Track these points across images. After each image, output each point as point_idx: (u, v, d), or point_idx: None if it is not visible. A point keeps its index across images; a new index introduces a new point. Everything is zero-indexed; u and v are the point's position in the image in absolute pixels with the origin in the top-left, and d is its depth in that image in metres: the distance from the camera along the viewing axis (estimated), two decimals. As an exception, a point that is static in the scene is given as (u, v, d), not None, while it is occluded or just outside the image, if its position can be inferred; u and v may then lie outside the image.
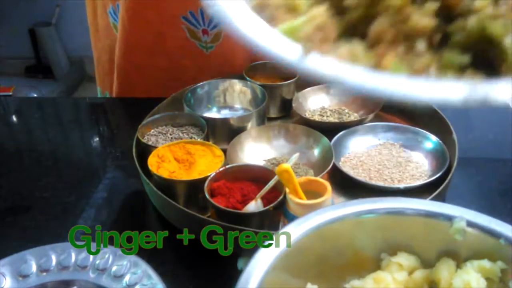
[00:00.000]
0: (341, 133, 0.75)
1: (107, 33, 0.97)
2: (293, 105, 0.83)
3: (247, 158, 0.74)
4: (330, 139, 0.73)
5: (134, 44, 0.92)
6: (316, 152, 0.74)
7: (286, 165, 0.55)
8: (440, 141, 0.73)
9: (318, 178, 0.59)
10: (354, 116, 0.83)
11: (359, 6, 0.28)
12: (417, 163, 0.73)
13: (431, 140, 0.74)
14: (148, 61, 0.93)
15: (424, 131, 0.75)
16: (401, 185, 0.68)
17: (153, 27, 0.89)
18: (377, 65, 0.27)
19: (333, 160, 0.68)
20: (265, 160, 0.75)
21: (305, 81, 0.87)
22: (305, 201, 0.55)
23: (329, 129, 0.75)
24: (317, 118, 0.83)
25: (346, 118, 0.82)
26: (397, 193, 0.66)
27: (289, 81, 0.84)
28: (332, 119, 0.83)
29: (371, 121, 0.79)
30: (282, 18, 0.29)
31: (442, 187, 0.63)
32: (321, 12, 0.28)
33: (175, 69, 0.92)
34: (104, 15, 0.96)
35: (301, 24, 0.28)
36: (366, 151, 0.75)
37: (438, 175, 0.68)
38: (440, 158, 0.71)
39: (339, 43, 0.28)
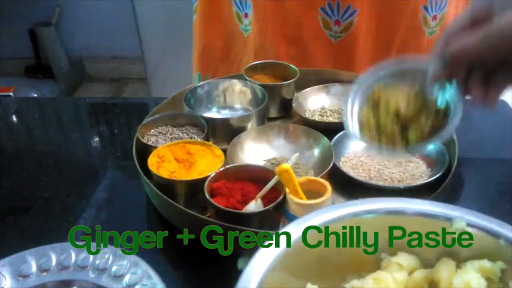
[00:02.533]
0: (341, 133, 0.75)
1: (228, 20, 1.00)
2: (293, 105, 0.83)
3: (247, 158, 0.74)
4: (330, 139, 0.73)
5: (274, 32, 0.95)
6: (316, 152, 0.74)
7: (286, 165, 0.55)
8: (439, 142, 0.73)
9: (318, 178, 0.59)
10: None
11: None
12: (417, 163, 0.73)
13: None
14: (282, 50, 0.96)
15: None
16: (401, 185, 0.68)
17: (293, 16, 0.92)
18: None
19: (333, 160, 0.68)
20: (265, 160, 0.75)
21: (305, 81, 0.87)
22: (305, 201, 0.55)
23: (329, 129, 0.75)
24: (317, 118, 0.83)
25: (346, 118, 0.82)
26: (397, 193, 0.66)
27: (289, 81, 0.84)
28: (332, 119, 0.83)
29: None
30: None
31: (442, 187, 0.63)
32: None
33: (306, 58, 0.95)
34: (229, 3, 0.98)
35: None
36: (366, 151, 0.75)
37: (438, 175, 0.68)
38: (440, 158, 0.71)
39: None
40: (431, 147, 0.73)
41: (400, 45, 0.93)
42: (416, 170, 0.71)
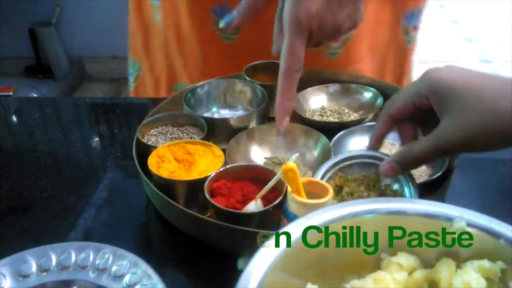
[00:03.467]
0: (340, 133, 0.75)
1: (148, 14, 1.00)
2: (293, 105, 0.83)
3: (246, 157, 0.74)
4: (330, 139, 0.73)
5: (171, 33, 0.95)
6: (316, 152, 0.74)
7: (292, 164, 0.55)
8: None
9: (320, 180, 0.59)
10: (354, 116, 0.83)
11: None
12: None
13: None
14: (179, 49, 0.96)
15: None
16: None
17: (184, 17, 0.92)
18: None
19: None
20: (266, 158, 0.74)
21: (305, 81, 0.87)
22: (307, 200, 0.55)
23: (329, 129, 0.75)
24: (317, 118, 0.83)
25: (346, 118, 0.82)
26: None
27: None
28: (332, 119, 0.83)
29: (370, 120, 0.79)
30: None
31: (442, 187, 0.63)
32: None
33: (201, 62, 0.95)
34: None
35: None
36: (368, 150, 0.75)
37: (438, 174, 0.68)
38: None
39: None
40: None
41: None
42: (416, 170, 0.71)
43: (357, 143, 0.76)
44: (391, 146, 0.76)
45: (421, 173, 0.71)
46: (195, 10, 0.91)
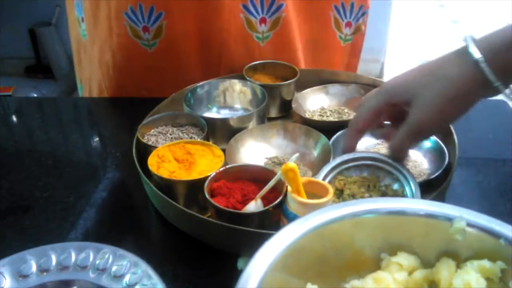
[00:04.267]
0: (339, 132, 0.75)
1: (74, 25, 0.99)
2: (293, 105, 0.83)
3: (246, 157, 0.74)
4: (330, 139, 0.73)
5: (94, 38, 0.92)
6: (315, 152, 0.74)
7: (292, 164, 0.55)
8: (438, 140, 0.73)
9: (320, 180, 0.59)
10: (353, 116, 0.83)
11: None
12: (415, 162, 0.73)
13: (429, 139, 0.74)
14: (102, 57, 0.93)
15: None
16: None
17: (102, 24, 0.89)
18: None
19: (331, 159, 0.69)
20: (266, 158, 0.75)
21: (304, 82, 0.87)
22: (308, 200, 0.55)
23: (329, 129, 0.75)
24: (317, 118, 0.83)
25: (346, 118, 0.82)
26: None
27: (288, 81, 0.84)
28: (332, 118, 0.83)
29: None
30: None
31: (442, 187, 0.63)
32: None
33: (125, 68, 0.92)
34: (72, 8, 0.98)
35: None
36: (365, 151, 0.75)
37: (438, 172, 0.68)
38: (438, 156, 0.72)
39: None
40: (429, 145, 0.74)
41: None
42: (415, 169, 0.71)
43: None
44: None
45: (420, 172, 0.71)
46: (110, 14, 0.87)
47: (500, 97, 0.85)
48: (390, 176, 0.65)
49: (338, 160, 0.67)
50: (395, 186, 0.64)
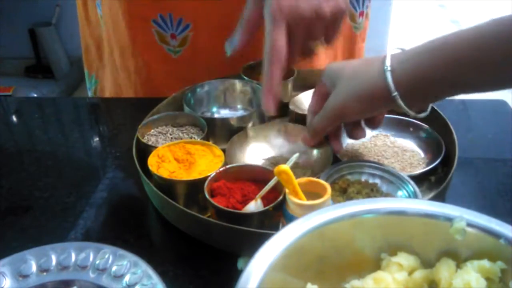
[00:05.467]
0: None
1: (96, 24, 0.99)
2: (290, 107, 0.83)
3: (246, 157, 0.74)
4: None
5: (113, 44, 0.94)
6: (315, 151, 0.74)
7: (285, 166, 0.55)
8: (431, 129, 0.74)
9: (318, 179, 0.59)
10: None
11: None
12: (412, 151, 0.74)
13: (422, 129, 0.75)
14: (122, 63, 0.94)
15: (414, 121, 0.75)
16: (405, 174, 0.68)
17: (124, 29, 0.90)
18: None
19: (331, 160, 0.69)
20: (264, 159, 0.74)
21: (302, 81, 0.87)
22: (304, 201, 0.55)
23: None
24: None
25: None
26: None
27: (286, 80, 0.84)
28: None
29: None
30: None
31: (442, 187, 0.63)
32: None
33: (146, 72, 0.93)
34: (94, 8, 0.97)
35: None
36: (362, 144, 0.76)
37: (437, 161, 0.69)
38: (434, 145, 0.73)
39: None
40: (422, 135, 0.76)
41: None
42: (413, 159, 0.72)
43: (356, 140, 0.76)
44: (384, 137, 0.77)
45: (419, 161, 0.72)
46: (134, 20, 0.88)
47: (500, 97, 0.85)
48: (392, 185, 0.65)
49: (340, 165, 0.68)
50: (398, 194, 0.64)
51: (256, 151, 0.75)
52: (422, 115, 0.62)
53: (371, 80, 0.59)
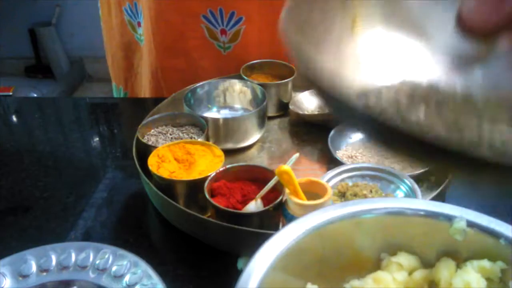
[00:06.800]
0: (336, 128, 0.75)
1: (122, 30, 0.98)
2: (290, 107, 0.83)
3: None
4: (329, 135, 0.73)
5: (158, 44, 0.93)
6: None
7: (286, 167, 0.55)
8: None
9: (319, 180, 0.59)
10: None
11: None
12: None
13: None
14: (169, 63, 0.94)
15: None
16: (406, 174, 0.68)
17: (174, 27, 0.89)
18: None
19: (332, 156, 0.69)
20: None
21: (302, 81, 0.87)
22: (305, 201, 0.55)
23: (327, 125, 0.75)
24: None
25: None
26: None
27: (286, 80, 0.84)
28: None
29: None
30: None
31: (442, 187, 0.63)
32: None
33: (194, 70, 0.93)
34: (118, 13, 0.97)
35: None
36: (362, 144, 0.76)
37: None
38: None
39: None
40: None
41: None
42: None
43: (355, 137, 0.76)
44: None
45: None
46: (183, 17, 0.88)
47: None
48: (392, 185, 0.65)
49: (342, 168, 0.67)
50: (397, 195, 0.64)
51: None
52: None
53: None
